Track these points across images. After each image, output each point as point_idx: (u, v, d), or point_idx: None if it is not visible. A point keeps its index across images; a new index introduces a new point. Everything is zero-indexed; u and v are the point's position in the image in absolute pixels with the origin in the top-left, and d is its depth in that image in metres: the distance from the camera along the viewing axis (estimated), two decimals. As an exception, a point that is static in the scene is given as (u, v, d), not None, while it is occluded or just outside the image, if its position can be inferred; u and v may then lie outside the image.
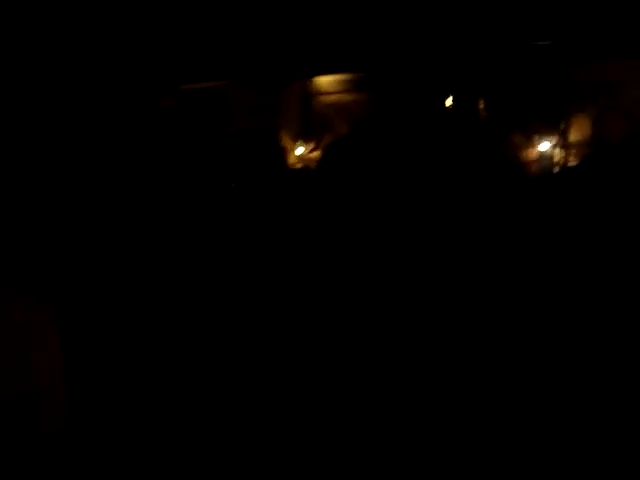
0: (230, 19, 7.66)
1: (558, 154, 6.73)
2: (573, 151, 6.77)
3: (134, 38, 7.58)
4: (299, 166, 6.86)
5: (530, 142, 6.67)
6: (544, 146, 6.73)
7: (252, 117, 7.89)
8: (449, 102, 7.20)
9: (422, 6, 7.31)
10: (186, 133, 6.98)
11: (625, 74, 7.15)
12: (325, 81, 8.03)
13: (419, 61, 7.34)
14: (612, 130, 6.64)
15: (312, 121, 7.95)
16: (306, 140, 7.55)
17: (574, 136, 6.82)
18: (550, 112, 7.00)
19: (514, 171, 6.25)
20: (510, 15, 7.20)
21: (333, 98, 8.01)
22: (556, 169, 6.63)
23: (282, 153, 6.59)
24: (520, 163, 6.43)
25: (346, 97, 7.99)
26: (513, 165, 6.40)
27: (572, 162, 6.60)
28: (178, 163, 6.31)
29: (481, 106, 7.09)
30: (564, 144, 6.81)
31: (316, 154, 7.23)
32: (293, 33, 7.55)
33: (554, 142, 6.77)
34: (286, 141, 7.13)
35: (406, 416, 4.42)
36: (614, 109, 6.86)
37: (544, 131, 6.76)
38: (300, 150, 7.34)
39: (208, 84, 7.80)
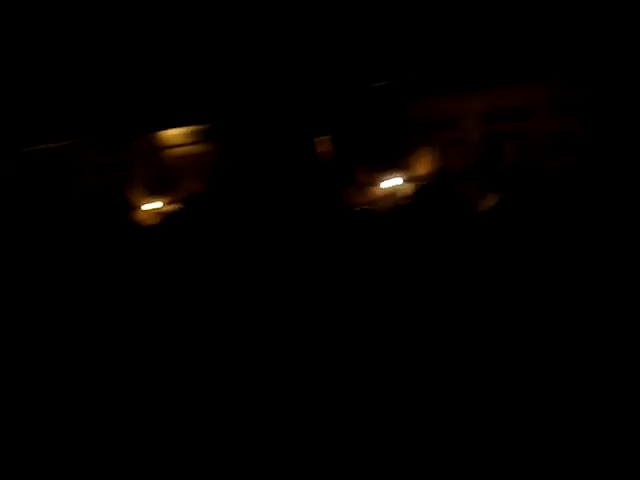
0: (71, 78, 7.58)
1: (403, 189, 6.92)
2: (417, 185, 6.97)
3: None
4: (152, 222, 6.81)
5: (375, 180, 6.86)
6: (389, 183, 6.93)
7: (100, 175, 7.80)
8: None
9: (262, 54, 7.43)
10: (32, 195, 6.84)
11: (461, 107, 7.47)
12: (173, 134, 8.03)
13: (264, 108, 7.43)
14: (453, 162, 6.90)
15: (163, 175, 7.90)
16: (158, 195, 7.49)
17: (417, 170, 7.03)
18: (393, 149, 7.21)
19: (359, 210, 6.41)
20: (348, 58, 7.40)
21: (182, 150, 8.01)
22: (402, 204, 6.81)
23: (130, 210, 6.55)
24: (366, 201, 6.61)
25: (195, 148, 8.00)
26: (358, 205, 6.58)
27: (416, 196, 6.78)
28: (27, 225, 6.16)
29: (327, 148, 7.25)
30: (409, 179, 7.00)
31: (170, 208, 7.20)
32: (136, 89, 7.53)
33: (398, 178, 6.97)
34: (137, 197, 7.06)
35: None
36: (454, 142, 7.14)
37: (388, 168, 6.95)
38: (152, 205, 7.28)
39: (52, 145, 7.67)
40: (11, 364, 4.80)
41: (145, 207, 7.20)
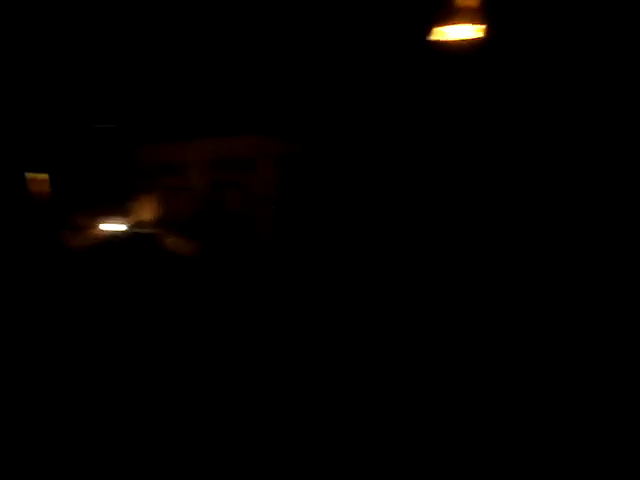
0: None
1: (126, 233, 6.82)
2: (142, 230, 6.90)
3: None
4: None
5: (96, 223, 6.71)
6: (111, 226, 6.80)
7: None
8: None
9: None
10: None
11: (188, 155, 7.50)
12: None
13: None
14: (179, 208, 6.91)
15: None
16: None
17: (142, 215, 6.96)
18: (117, 192, 7.11)
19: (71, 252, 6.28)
20: (73, 97, 7.24)
21: None
22: (123, 247, 6.71)
23: None
24: (84, 244, 6.47)
25: None
26: (74, 247, 6.42)
27: (140, 240, 6.71)
28: None
29: (44, 188, 7.02)
30: (133, 224, 6.92)
31: None
32: None
33: (122, 222, 6.87)
34: None
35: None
36: (179, 189, 7.15)
37: (111, 211, 6.83)
38: None
39: None
40: None
41: None
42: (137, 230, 6.69)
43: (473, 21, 5.53)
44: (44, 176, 7.05)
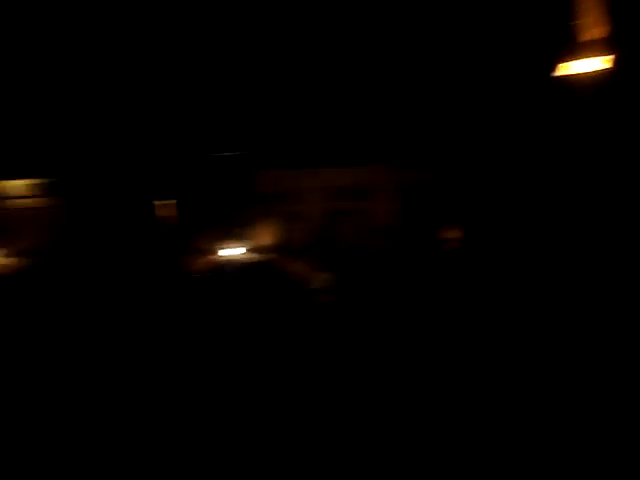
0: None
1: (245, 258, 6.96)
2: (260, 256, 7.03)
3: None
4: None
5: (217, 248, 6.88)
6: (231, 252, 6.95)
7: None
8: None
9: (106, 113, 7.38)
10: None
11: (305, 183, 7.61)
12: (13, 185, 7.82)
13: (109, 166, 7.36)
14: (294, 236, 7.03)
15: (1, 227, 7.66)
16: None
17: (259, 242, 7.09)
18: (237, 218, 7.26)
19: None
20: (196, 126, 7.45)
21: (22, 202, 7.81)
22: (243, 274, 6.84)
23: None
24: (206, 269, 6.63)
25: (36, 202, 7.82)
26: (197, 271, 6.57)
27: (258, 267, 6.82)
28: None
29: (171, 213, 7.23)
30: (251, 249, 7.06)
31: (11, 260, 6.98)
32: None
33: (240, 247, 7.02)
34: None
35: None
36: (297, 215, 7.28)
37: (231, 237, 6.99)
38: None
39: None
40: None
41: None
42: (254, 255, 6.82)
43: (600, 53, 5.47)
44: (172, 202, 7.28)
